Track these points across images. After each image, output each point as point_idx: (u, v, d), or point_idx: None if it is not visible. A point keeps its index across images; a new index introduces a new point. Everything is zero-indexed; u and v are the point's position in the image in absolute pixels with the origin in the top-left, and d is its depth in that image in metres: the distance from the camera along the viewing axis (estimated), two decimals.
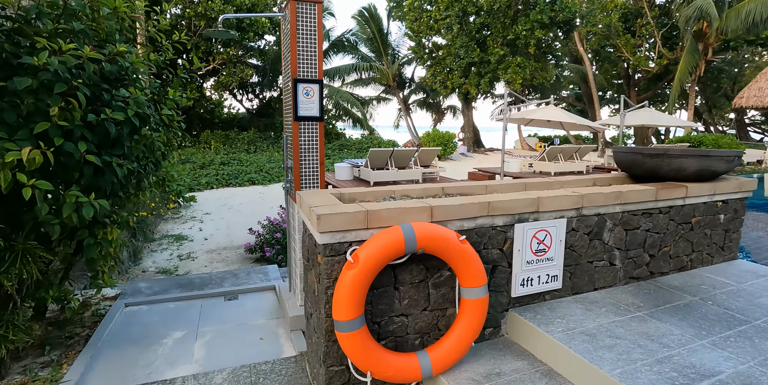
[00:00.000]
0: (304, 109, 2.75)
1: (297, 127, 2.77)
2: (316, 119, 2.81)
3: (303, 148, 2.81)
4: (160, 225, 7.58)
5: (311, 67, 2.74)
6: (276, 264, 5.12)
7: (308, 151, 2.83)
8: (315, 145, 2.84)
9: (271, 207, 9.36)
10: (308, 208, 1.95)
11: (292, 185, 2.92)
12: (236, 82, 15.99)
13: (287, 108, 2.96)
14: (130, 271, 5.45)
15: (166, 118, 2.76)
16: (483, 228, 2.20)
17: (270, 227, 5.82)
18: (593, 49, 26.16)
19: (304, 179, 2.84)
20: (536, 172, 12.51)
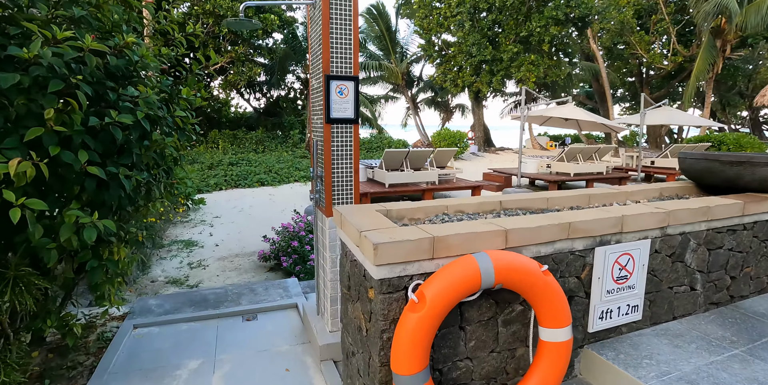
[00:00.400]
0: (337, 111, 2.40)
1: (329, 131, 2.41)
2: (351, 122, 2.46)
3: (336, 155, 2.45)
4: (169, 230, 7.27)
5: (345, 61, 2.38)
6: (295, 276, 4.77)
7: (342, 158, 2.47)
8: (349, 152, 2.49)
9: (282, 210, 9.03)
10: (356, 231, 1.60)
11: (321, 196, 2.56)
12: (244, 80, 15.68)
13: (316, 108, 2.60)
14: (139, 281, 5.13)
15: (179, 120, 2.41)
16: (561, 253, 1.83)
17: (285, 233, 5.48)
18: (605, 46, 25.59)
19: (337, 190, 2.49)
20: (553, 173, 12.11)
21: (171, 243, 6.53)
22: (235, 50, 15.36)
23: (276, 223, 7.78)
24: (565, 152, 11.88)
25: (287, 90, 23.51)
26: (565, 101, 12.53)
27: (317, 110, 2.57)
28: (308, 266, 4.54)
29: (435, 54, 21.67)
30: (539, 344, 1.71)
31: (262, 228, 7.39)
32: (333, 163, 2.45)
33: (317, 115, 2.57)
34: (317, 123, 2.57)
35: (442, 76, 21.55)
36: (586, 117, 12.15)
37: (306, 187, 12.06)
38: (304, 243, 4.99)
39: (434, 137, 20.86)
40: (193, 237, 6.91)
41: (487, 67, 19.88)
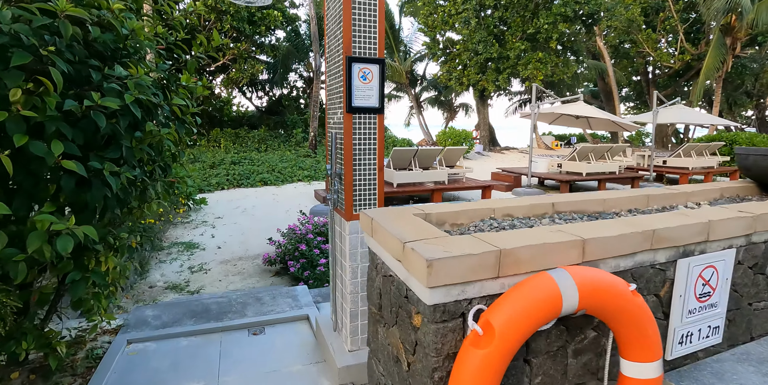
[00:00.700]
0: (359, 98, 2.07)
1: (350, 122, 2.09)
2: (375, 111, 2.13)
3: (358, 150, 2.13)
4: (169, 231, 6.96)
5: (369, 41, 2.06)
6: (303, 282, 4.45)
7: (364, 153, 2.15)
8: (373, 146, 2.16)
9: (286, 210, 8.72)
10: (398, 242, 1.27)
11: (340, 197, 2.23)
12: (247, 78, 15.36)
13: (334, 96, 2.28)
14: (136, 286, 4.82)
15: (177, 109, 2.09)
16: (641, 267, 1.51)
17: (292, 236, 5.16)
18: (611, 45, 25.22)
19: (358, 190, 2.16)
20: (563, 173, 11.76)
21: (171, 245, 6.22)
22: (238, 47, 15.04)
23: (280, 224, 7.46)
24: (576, 151, 11.54)
25: (290, 88, 23.21)
26: (576, 99, 12.19)
27: (335, 99, 2.24)
28: (318, 272, 4.22)
29: (439, 52, 21.33)
30: (621, 381, 1.38)
31: (266, 229, 7.07)
32: (354, 160, 2.13)
33: (335, 105, 2.24)
34: (335, 113, 2.24)
35: (447, 74, 21.21)
36: (598, 115, 11.81)
37: (310, 187, 11.73)
38: (312, 246, 4.67)
39: (440, 136, 20.53)
40: (194, 239, 6.59)
41: (493, 65, 19.53)
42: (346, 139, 2.09)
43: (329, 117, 2.37)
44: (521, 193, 10.60)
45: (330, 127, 2.35)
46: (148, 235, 5.60)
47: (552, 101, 11.89)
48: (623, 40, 25.13)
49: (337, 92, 2.18)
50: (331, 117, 2.32)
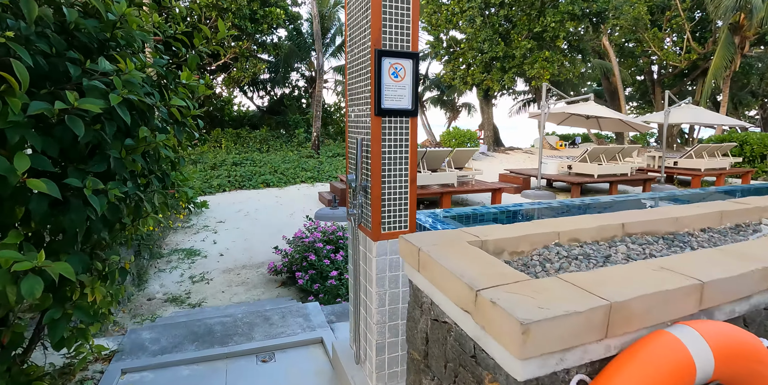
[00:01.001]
0: (390, 99, 1.77)
1: (378, 127, 1.79)
2: (408, 114, 1.83)
3: (388, 159, 1.83)
4: (170, 237, 6.66)
5: (402, 32, 1.76)
6: (312, 295, 4.15)
7: (395, 163, 1.85)
8: (405, 155, 1.86)
9: (290, 214, 8.42)
10: (468, 288, 0.97)
11: (366, 214, 1.93)
12: (248, 77, 15.06)
13: (357, 97, 1.97)
14: (134, 299, 4.52)
15: (176, 111, 1.79)
16: (754, 311, 1.21)
17: (298, 244, 4.86)
18: (616, 43, 24.89)
19: (388, 205, 1.86)
20: (572, 174, 11.46)
21: (171, 252, 5.92)
22: (239, 46, 14.74)
23: (285, 228, 7.16)
24: (587, 152, 11.23)
25: (291, 88, 22.92)
26: (586, 99, 11.88)
27: (359, 99, 1.94)
28: (328, 285, 3.92)
29: (443, 51, 21.02)
30: None
31: (270, 235, 6.78)
32: (384, 171, 1.83)
33: (359, 106, 1.94)
34: (360, 116, 1.94)
35: (451, 73, 20.90)
36: (610, 115, 11.51)
37: (313, 189, 11.44)
38: (321, 256, 4.37)
39: (444, 136, 20.22)
40: (195, 245, 6.30)
41: (498, 64, 19.22)
42: (374, 147, 1.79)
43: (351, 120, 2.07)
44: (531, 195, 10.30)
45: (352, 131, 2.05)
46: (147, 243, 5.31)
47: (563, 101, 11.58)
48: (628, 39, 24.82)
49: (362, 92, 1.88)
50: (354, 120, 2.02)
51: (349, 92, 2.07)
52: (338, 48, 23.52)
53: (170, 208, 2.26)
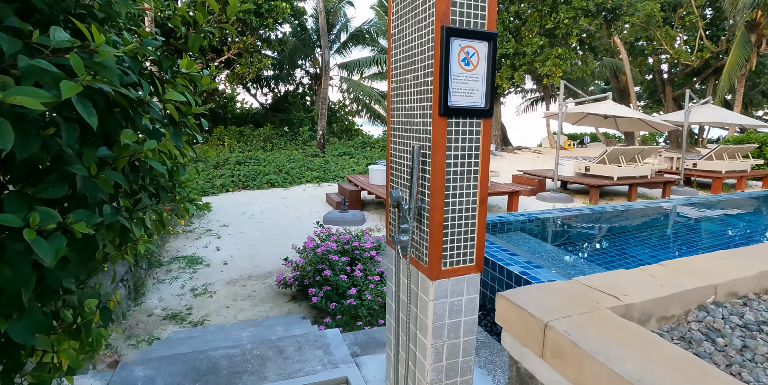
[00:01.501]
0: (459, 94, 1.33)
1: (443, 131, 1.34)
2: (481, 114, 1.39)
3: (453, 174, 1.39)
4: (170, 242, 6.24)
5: (476, 5, 1.31)
6: (329, 316, 3.72)
7: (462, 180, 1.40)
8: (474, 168, 1.42)
9: (297, 216, 8.00)
10: None
11: (419, 242, 1.49)
12: (253, 73, 14.61)
13: (406, 91, 1.53)
14: (129, 315, 4.10)
15: (173, 108, 1.35)
16: None
17: (310, 255, 4.43)
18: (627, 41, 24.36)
19: (451, 235, 1.42)
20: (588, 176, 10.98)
21: (171, 260, 5.50)
22: (243, 41, 14.29)
23: (292, 233, 6.74)
24: (607, 154, 10.75)
25: (296, 85, 22.48)
26: (605, 97, 11.40)
27: (410, 95, 1.50)
28: (346, 305, 3.48)
29: None
30: None
31: (277, 240, 6.35)
32: (448, 190, 1.38)
33: (410, 104, 1.50)
34: (411, 117, 1.49)
35: None
36: (630, 114, 11.03)
37: (320, 190, 11.01)
38: (337, 270, 3.94)
39: None
40: (197, 252, 5.87)
41: (508, 61, 18.72)
42: (436, 158, 1.35)
43: (397, 122, 1.62)
44: (547, 198, 9.85)
45: (399, 136, 1.61)
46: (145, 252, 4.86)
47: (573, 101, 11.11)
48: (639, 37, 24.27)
49: (416, 85, 1.44)
50: (402, 123, 1.57)
51: (395, 86, 1.63)
52: (343, 45, 23.07)
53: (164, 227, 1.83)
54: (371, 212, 8.49)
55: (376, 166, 9.09)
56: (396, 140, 1.62)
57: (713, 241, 4.86)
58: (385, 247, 3.05)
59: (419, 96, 1.42)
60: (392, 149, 1.66)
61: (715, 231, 5.34)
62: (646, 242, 4.78)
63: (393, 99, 1.63)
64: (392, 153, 1.67)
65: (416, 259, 1.51)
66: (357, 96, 22.43)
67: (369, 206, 9.01)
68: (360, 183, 8.87)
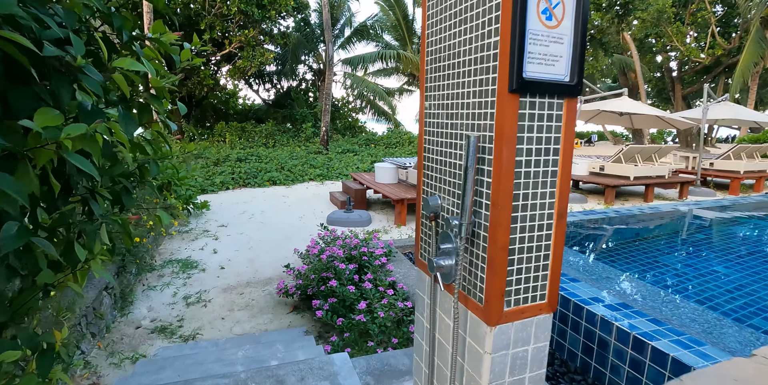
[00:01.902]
0: (538, 61, 0.92)
1: (513, 113, 0.93)
2: (566, 91, 0.98)
3: (525, 176, 0.98)
4: (164, 244, 5.86)
5: None
6: (336, 332, 3.32)
7: (535, 185, 0.99)
8: (551, 169, 1.01)
9: (300, 217, 7.60)
10: None
11: (471, 273, 1.08)
12: (255, 67, 14.20)
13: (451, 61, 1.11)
14: (114, 327, 3.71)
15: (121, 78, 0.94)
16: None
17: (313, 260, 4.03)
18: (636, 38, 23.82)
19: (518, 264, 1.01)
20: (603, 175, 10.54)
21: (164, 264, 5.11)
22: (245, 34, 13.86)
23: (295, 234, 6.34)
24: (623, 152, 10.31)
25: (299, 81, 22.08)
26: (619, 94, 10.95)
27: (455, 66, 1.08)
28: (355, 321, 3.08)
29: None
30: None
31: (278, 242, 5.96)
32: (517, 197, 0.97)
33: (455, 78, 1.08)
34: (460, 96, 1.08)
35: None
36: (647, 111, 10.59)
37: (323, 188, 10.61)
38: (344, 280, 3.54)
39: None
40: (192, 255, 5.49)
41: None
42: (504, 153, 0.94)
43: (434, 104, 1.21)
44: None
45: (438, 125, 1.19)
46: (135, 255, 4.49)
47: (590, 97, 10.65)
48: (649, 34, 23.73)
49: (466, 51, 1.03)
50: (445, 104, 1.16)
51: (434, 57, 1.21)
52: (347, 40, 22.64)
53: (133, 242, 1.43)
54: (377, 211, 8.09)
55: (382, 164, 8.69)
56: (434, 130, 1.21)
57: None
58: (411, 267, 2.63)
59: (475, 66, 1.01)
60: (428, 142, 1.25)
61: None
62: (710, 253, 4.32)
63: (430, 75, 1.22)
64: (428, 148, 1.26)
65: (466, 294, 1.10)
66: (361, 92, 22.01)
67: (375, 206, 8.61)
68: (366, 181, 8.47)
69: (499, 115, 0.93)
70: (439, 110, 1.18)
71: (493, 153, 0.95)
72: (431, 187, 1.25)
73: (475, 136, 0.97)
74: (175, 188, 6.65)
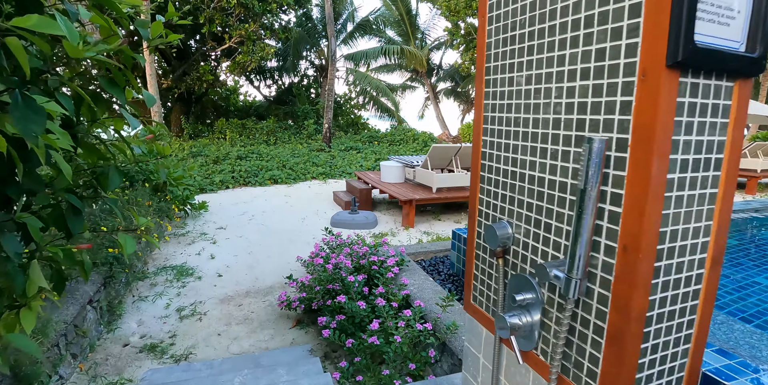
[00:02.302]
0: (710, 18, 0.56)
1: (670, 100, 0.57)
2: (744, 68, 0.62)
3: (677, 201, 0.62)
4: (158, 249, 5.51)
5: None
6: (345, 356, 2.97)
7: (688, 218, 0.64)
8: (710, 189, 0.65)
9: (302, 218, 7.24)
10: None
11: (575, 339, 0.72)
12: (255, 61, 13.81)
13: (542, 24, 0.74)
14: (98, 346, 3.36)
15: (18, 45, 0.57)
16: None
17: (318, 270, 3.68)
18: None
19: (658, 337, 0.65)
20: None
21: (157, 271, 4.77)
22: (245, 28, 13.46)
23: (297, 237, 5.99)
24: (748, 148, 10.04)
25: (300, 77, 21.68)
26: None
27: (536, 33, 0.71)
28: (366, 343, 2.73)
29: (461, 39, 19.60)
30: None
31: (280, 246, 5.62)
32: (664, 237, 0.61)
33: (558, 49, 0.71)
34: (570, 76, 0.70)
35: (471, 62, 19.52)
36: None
37: (326, 187, 10.25)
38: (354, 295, 3.19)
39: (463, 130, 18.97)
40: (188, 261, 5.14)
41: None
42: (653, 167, 0.58)
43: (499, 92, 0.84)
44: None
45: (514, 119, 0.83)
46: (123, 264, 4.13)
47: None
48: None
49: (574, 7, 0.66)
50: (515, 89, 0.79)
51: (505, 18, 0.84)
52: (350, 35, 22.19)
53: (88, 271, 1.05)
54: (383, 212, 7.74)
55: (388, 162, 8.32)
56: (503, 129, 0.84)
57: None
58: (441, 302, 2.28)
59: (591, 29, 0.64)
60: (491, 146, 0.89)
61: None
62: None
63: (496, 51, 0.85)
64: (489, 153, 0.89)
65: (564, 376, 0.74)
66: (364, 88, 21.60)
67: (380, 206, 8.26)
68: (371, 181, 8.11)
69: (644, 106, 0.57)
70: (511, 100, 0.82)
71: (627, 166, 0.59)
72: (495, 209, 0.88)
73: (601, 140, 0.61)
74: (170, 188, 6.30)
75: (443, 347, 2.72)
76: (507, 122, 0.83)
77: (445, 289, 3.58)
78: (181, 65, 15.17)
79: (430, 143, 16.17)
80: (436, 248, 4.39)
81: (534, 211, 0.78)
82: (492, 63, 0.86)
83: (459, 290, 3.59)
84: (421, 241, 5.75)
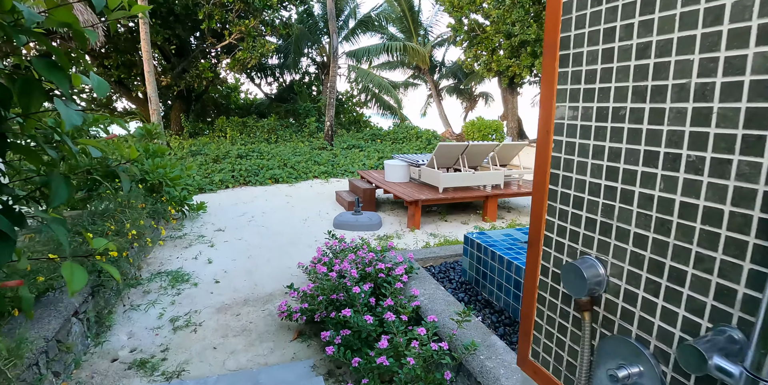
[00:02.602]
0: None
1: None
2: None
3: None
4: (153, 252, 5.27)
5: None
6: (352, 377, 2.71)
7: None
8: None
9: (304, 219, 6.99)
10: None
11: None
12: (256, 58, 13.54)
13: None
14: (85, 361, 3.12)
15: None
16: None
17: (320, 279, 3.43)
18: None
19: None
20: None
21: (151, 277, 4.52)
22: (245, 24, 13.19)
23: (299, 240, 5.73)
24: None
25: (302, 74, 21.40)
26: None
27: None
28: (375, 363, 2.47)
29: (464, 35, 19.28)
30: None
31: (280, 249, 5.36)
32: None
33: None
34: (661, 47, 0.43)
35: (474, 59, 19.20)
36: None
37: (329, 187, 9.99)
38: (361, 307, 2.93)
39: (467, 127, 18.68)
40: (184, 265, 4.89)
41: (529, 48, 17.48)
42: None
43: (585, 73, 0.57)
44: None
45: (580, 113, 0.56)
46: (118, 266, 3.87)
47: None
48: None
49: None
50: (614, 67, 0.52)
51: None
52: (352, 31, 21.89)
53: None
54: (387, 213, 7.48)
55: (392, 161, 8.05)
56: (597, 125, 0.58)
57: None
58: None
59: None
60: (575, 147, 0.63)
61: None
62: None
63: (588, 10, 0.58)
64: (572, 161, 0.63)
65: None
66: (366, 86, 21.30)
67: (384, 206, 8.00)
68: (374, 180, 7.85)
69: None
70: (609, 83, 0.55)
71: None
72: (575, 240, 0.62)
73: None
74: (167, 189, 6.05)
75: (459, 366, 2.47)
76: (600, 116, 0.57)
77: (458, 298, 3.33)
78: (180, 62, 14.91)
79: (434, 141, 15.87)
80: (446, 253, 4.13)
81: (649, 248, 0.52)
82: (575, 30, 0.60)
83: (472, 299, 3.33)
84: (429, 244, 5.49)
